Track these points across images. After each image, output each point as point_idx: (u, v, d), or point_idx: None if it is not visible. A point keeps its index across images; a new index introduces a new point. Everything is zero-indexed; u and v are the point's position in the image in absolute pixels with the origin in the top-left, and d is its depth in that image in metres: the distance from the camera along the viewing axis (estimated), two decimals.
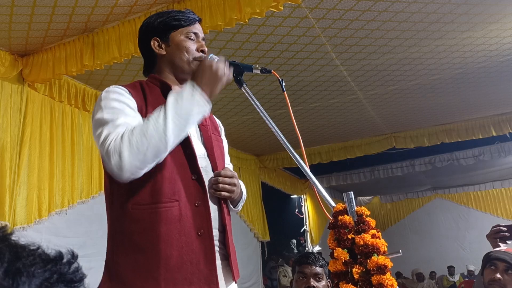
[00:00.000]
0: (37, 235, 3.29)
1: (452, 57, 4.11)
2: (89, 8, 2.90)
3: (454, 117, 5.94)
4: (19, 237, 0.42)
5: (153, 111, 1.13)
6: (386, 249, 1.10)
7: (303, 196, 8.67)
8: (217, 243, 1.22)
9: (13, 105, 3.32)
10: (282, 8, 2.64)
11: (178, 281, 1.11)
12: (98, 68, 3.20)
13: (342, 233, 1.12)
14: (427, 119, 5.96)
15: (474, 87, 4.90)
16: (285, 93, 1.32)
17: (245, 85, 1.33)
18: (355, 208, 1.16)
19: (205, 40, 1.39)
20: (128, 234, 1.14)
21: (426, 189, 10.61)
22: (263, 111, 1.29)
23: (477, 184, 9.92)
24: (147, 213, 1.14)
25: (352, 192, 1.18)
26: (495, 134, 5.94)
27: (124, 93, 1.21)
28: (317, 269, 1.96)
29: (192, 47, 1.31)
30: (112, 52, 3.03)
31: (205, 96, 1.14)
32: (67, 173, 3.64)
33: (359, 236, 1.10)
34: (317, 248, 8.05)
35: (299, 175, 8.13)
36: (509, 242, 1.84)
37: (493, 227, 1.91)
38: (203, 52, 1.33)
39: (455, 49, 3.94)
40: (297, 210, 8.70)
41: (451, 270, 9.34)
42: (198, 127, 1.33)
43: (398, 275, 9.19)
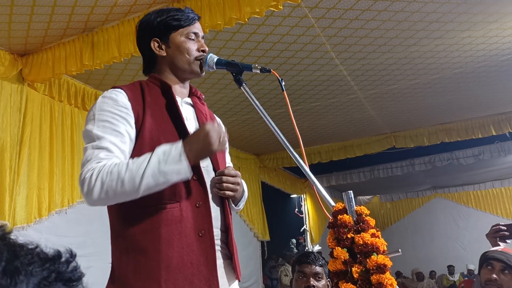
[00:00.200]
0: (37, 234, 3.29)
1: (452, 57, 4.10)
2: (88, 8, 2.90)
3: (454, 117, 5.94)
4: (17, 236, 0.42)
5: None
6: (386, 248, 1.10)
7: (303, 195, 8.67)
8: (220, 242, 1.23)
9: (12, 104, 3.32)
10: (281, 7, 2.64)
11: (179, 282, 1.11)
12: (97, 67, 3.20)
13: (341, 233, 1.12)
14: (427, 119, 5.96)
15: (474, 87, 4.89)
16: (285, 92, 1.32)
17: (244, 84, 1.33)
18: (355, 207, 1.16)
19: (204, 38, 1.39)
20: (130, 236, 1.15)
21: (426, 189, 10.61)
22: (263, 110, 1.29)
23: (477, 184, 9.93)
24: (148, 215, 1.14)
25: (351, 192, 1.18)
26: (495, 134, 5.94)
27: (120, 100, 1.20)
28: (317, 268, 1.96)
29: (193, 47, 1.31)
30: (112, 52, 3.03)
31: (189, 163, 1.09)
32: (67, 172, 3.63)
33: (358, 235, 1.10)
34: (317, 247, 8.06)
35: (299, 174, 8.13)
36: (508, 241, 1.84)
37: (493, 226, 1.91)
38: (203, 52, 1.33)
39: (454, 48, 3.94)
40: (297, 209, 8.70)
41: (451, 270, 9.35)
42: (199, 126, 1.33)
43: (397, 274, 9.19)
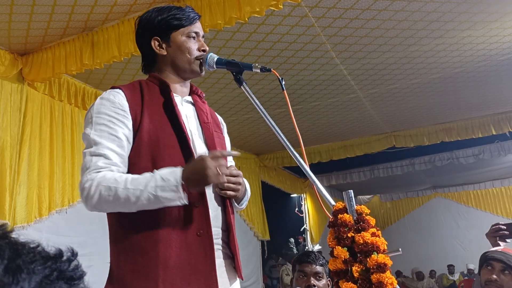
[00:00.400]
0: (38, 234, 3.29)
1: (452, 56, 4.10)
2: (88, 7, 2.90)
3: (454, 116, 5.94)
4: (19, 235, 0.42)
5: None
6: (386, 247, 1.10)
7: (303, 195, 8.67)
8: (220, 242, 1.22)
9: (13, 104, 3.32)
10: (282, 7, 2.64)
11: (177, 282, 1.11)
12: (97, 67, 3.20)
13: (342, 232, 1.12)
14: (427, 118, 5.95)
15: (474, 86, 4.89)
16: (285, 92, 1.31)
17: (244, 84, 1.33)
18: (355, 206, 1.16)
19: (204, 37, 1.39)
20: (128, 236, 1.15)
21: (426, 188, 10.61)
22: (263, 110, 1.29)
23: (477, 183, 9.93)
24: (146, 215, 1.14)
25: (352, 191, 1.18)
26: (495, 133, 5.94)
27: (118, 101, 1.20)
28: (318, 268, 1.96)
29: (194, 47, 1.31)
30: (112, 51, 3.03)
31: (185, 192, 1.10)
32: (67, 172, 3.63)
33: (359, 234, 1.10)
34: (317, 247, 8.06)
35: (299, 174, 8.13)
36: (508, 240, 1.84)
37: (493, 225, 1.91)
38: (204, 51, 1.33)
39: (455, 48, 3.94)
40: (297, 209, 8.70)
41: (451, 269, 9.35)
42: (200, 125, 1.33)
43: (398, 273, 9.20)
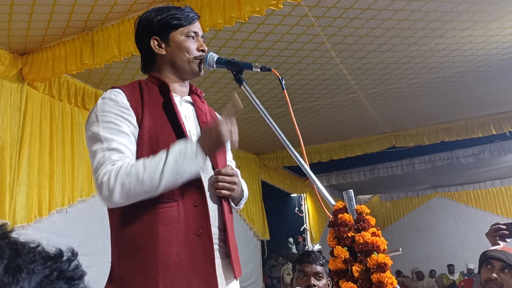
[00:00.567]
0: (38, 233, 3.29)
1: (452, 56, 4.10)
2: (88, 7, 2.90)
3: (454, 116, 5.94)
4: (19, 235, 0.42)
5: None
6: (386, 247, 1.10)
7: (303, 194, 8.67)
8: (218, 241, 1.22)
9: (12, 103, 3.31)
10: (282, 6, 2.64)
11: (177, 281, 1.11)
12: (97, 66, 3.19)
13: (342, 231, 1.12)
14: (427, 118, 5.95)
15: (474, 86, 4.89)
16: (285, 91, 1.31)
17: (245, 83, 1.33)
18: (355, 206, 1.16)
19: (204, 37, 1.39)
20: (129, 235, 1.15)
21: (426, 188, 10.61)
22: (263, 109, 1.29)
23: (477, 183, 9.93)
24: (146, 214, 1.14)
25: (352, 191, 1.18)
26: (495, 133, 5.94)
27: (120, 101, 1.20)
28: (318, 267, 1.96)
29: (193, 46, 1.31)
30: (112, 51, 3.03)
31: (204, 159, 1.15)
32: (67, 171, 3.63)
33: (359, 234, 1.10)
34: (317, 246, 8.06)
35: (299, 173, 8.13)
36: (508, 240, 1.84)
37: (493, 225, 1.91)
38: (203, 51, 1.33)
39: (455, 47, 3.94)
40: (297, 208, 8.70)
41: (451, 269, 9.36)
42: (199, 124, 1.33)
43: (398, 273, 9.20)
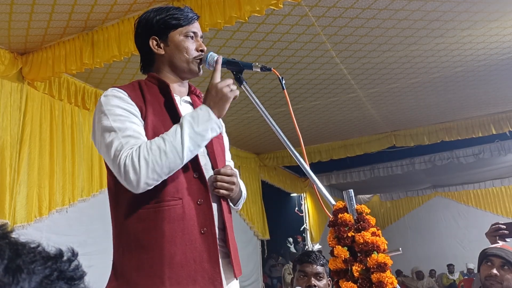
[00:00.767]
0: (38, 233, 3.29)
1: (452, 55, 4.10)
2: (88, 6, 2.90)
3: (454, 115, 5.94)
4: (19, 235, 0.42)
5: (159, 122, 1.19)
6: (386, 247, 1.10)
7: (303, 194, 8.67)
8: (218, 241, 1.22)
9: (12, 103, 3.31)
10: (282, 6, 2.64)
11: (182, 279, 1.11)
12: (97, 66, 3.19)
13: (342, 231, 1.12)
14: (427, 117, 5.95)
15: (474, 85, 4.89)
16: (285, 91, 1.31)
17: (245, 83, 1.33)
18: (355, 206, 1.16)
19: (203, 37, 1.39)
20: (133, 233, 1.15)
21: (426, 187, 10.62)
22: (263, 109, 1.29)
23: (477, 183, 9.93)
24: (151, 212, 1.14)
25: (352, 190, 1.18)
26: (495, 132, 5.94)
27: (124, 97, 1.21)
28: (318, 268, 1.95)
29: (192, 46, 1.31)
30: (112, 50, 3.03)
31: (217, 118, 1.19)
32: (67, 171, 3.63)
33: (359, 234, 1.10)
34: (317, 246, 8.06)
35: (299, 173, 8.13)
36: (508, 240, 1.84)
37: (492, 225, 1.92)
38: (202, 51, 1.33)
39: (455, 47, 3.94)
40: (297, 208, 8.70)
41: (451, 268, 9.36)
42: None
43: (398, 273, 9.20)
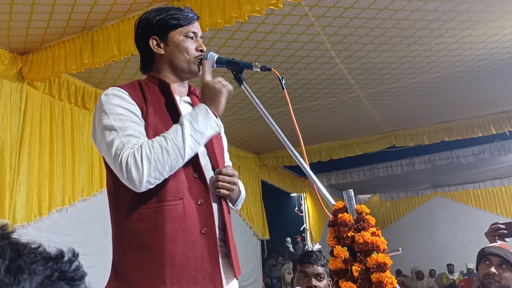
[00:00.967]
0: (38, 233, 3.30)
1: (452, 55, 4.10)
2: (88, 6, 2.90)
3: (454, 115, 5.94)
4: (20, 236, 0.43)
5: (159, 121, 1.20)
6: (386, 247, 1.10)
7: (303, 194, 8.68)
8: (218, 241, 1.23)
9: (12, 103, 3.31)
10: (281, 6, 2.64)
11: (183, 278, 1.12)
12: (97, 66, 3.20)
13: (342, 231, 1.12)
14: (427, 117, 5.96)
15: (474, 85, 4.90)
16: (285, 91, 1.31)
17: (245, 83, 1.33)
18: (355, 206, 1.16)
19: (203, 38, 1.39)
20: (134, 233, 1.15)
21: (426, 187, 10.62)
22: (263, 109, 1.29)
23: (476, 182, 9.93)
24: (152, 211, 1.14)
25: (352, 190, 1.18)
26: (495, 132, 5.95)
27: (125, 96, 1.21)
28: (319, 268, 1.95)
29: (191, 46, 1.32)
30: (112, 50, 3.03)
31: (215, 116, 1.20)
32: (67, 171, 3.63)
33: (358, 234, 1.10)
34: (317, 246, 8.06)
35: (299, 173, 8.14)
36: (507, 239, 1.85)
37: (492, 224, 1.92)
38: (201, 52, 1.33)
39: (455, 47, 3.94)
40: (297, 208, 8.71)
41: (451, 268, 9.36)
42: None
43: (397, 273, 9.20)
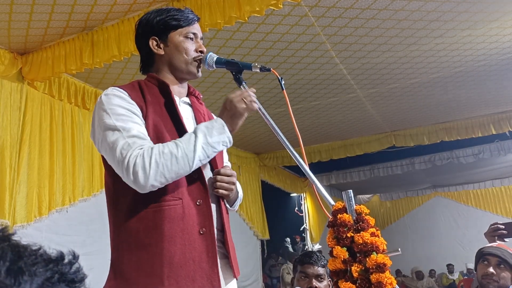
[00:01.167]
0: (38, 233, 3.30)
1: (452, 55, 4.10)
2: (88, 6, 2.90)
3: (454, 116, 5.94)
4: (20, 238, 0.43)
5: (164, 125, 1.20)
6: (385, 247, 1.10)
7: (302, 194, 8.68)
8: (217, 242, 1.23)
9: (12, 103, 3.32)
10: (281, 6, 2.64)
11: (181, 279, 1.12)
12: (97, 66, 3.20)
13: (341, 232, 1.12)
14: (427, 117, 5.96)
15: (474, 85, 4.90)
16: (285, 91, 1.32)
17: (244, 83, 1.33)
18: (355, 206, 1.16)
19: (203, 39, 1.39)
20: (133, 233, 1.15)
21: (426, 187, 10.62)
22: (263, 109, 1.29)
23: (476, 183, 9.93)
24: (151, 211, 1.15)
25: (351, 191, 1.19)
26: (494, 132, 5.95)
27: (125, 96, 1.21)
28: (319, 269, 1.95)
29: (191, 47, 1.32)
30: (112, 50, 3.03)
31: (231, 132, 1.20)
32: (68, 171, 3.63)
33: (358, 234, 1.10)
34: (317, 246, 8.06)
35: (299, 173, 8.13)
36: (507, 240, 1.85)
37: (491, 225, 1.92)
38: (201, 52, 1.33)
39: (455, 47, 3.94)
40: (296, 208, 8.71)
41: (451, 268, 9.36)
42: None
43: (397, 273, 9.20)
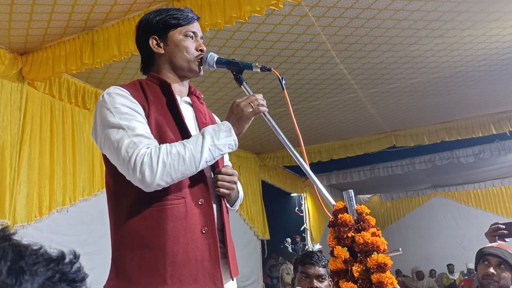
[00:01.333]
0: (38, 233, 3.30)
1: (452, 55, 4.10)
2: (88, 6, 2.90)
3: (454, 115, 5.94)
4: (21, 237, 0.43)
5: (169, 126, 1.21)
6: (386, 247, 1.10)
7: (303, 194, 8.68)
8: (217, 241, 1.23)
9: (13, 103, 3.31)
10: (282, 6, 2.64)
11: (184, 277, 1.12)
12: (98, 66, 3.19)
13: (342, 231, 1.12)
14: (427, 117, 5.96)
15: (474, 85, 4.89)
16: (285, 91, 1.32)
17: (245, 83, 1.33)
18: (355, 206, 1.16)
19: (203, 38, 1.39)
20: (136, 232, 1.15)
21: (426, 187, 10.62)
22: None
23: (477, 182, 9.93)
24: (154, 210, 1.15)
25: (352, 191, 1.19)
26: (495, 132, 5.95)
27: (128, 95, 1.21)
28: (320, 270, 1.94)
29: (191, 46, 1.32)
30: (112, 50, 3.03)
31: (237, 135, 1.22)
32: (68, 171, 3.63)
33: (359, 234, 1.10)
34: (317, 246, 8.06)
35: (299, 173, 8.14)
36: (507, 240, 1.85)
37: (492, 225, 1.92)
38: (201, 51, 1.34)
39: (455, 47, 3.94)
40: (297, 208, 8.71)
41: (451, 268, 9.36)
42: (198, 125, 1.33)
43: (398, 273, 9.20)
